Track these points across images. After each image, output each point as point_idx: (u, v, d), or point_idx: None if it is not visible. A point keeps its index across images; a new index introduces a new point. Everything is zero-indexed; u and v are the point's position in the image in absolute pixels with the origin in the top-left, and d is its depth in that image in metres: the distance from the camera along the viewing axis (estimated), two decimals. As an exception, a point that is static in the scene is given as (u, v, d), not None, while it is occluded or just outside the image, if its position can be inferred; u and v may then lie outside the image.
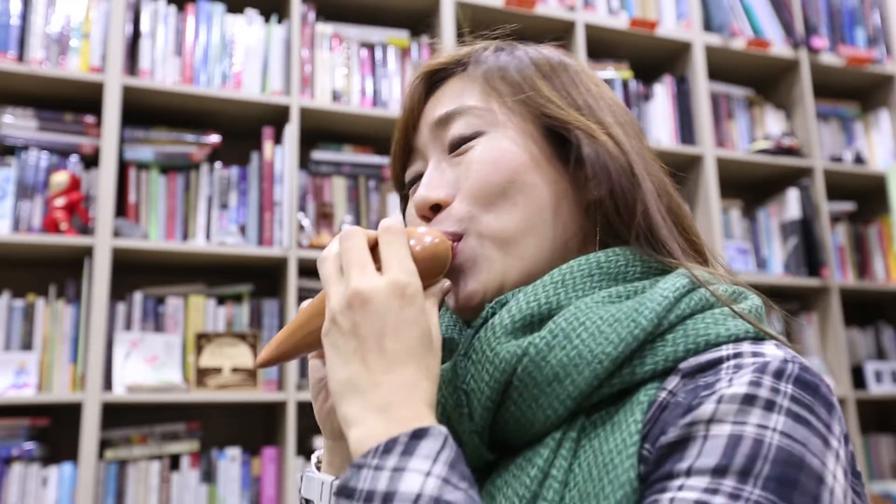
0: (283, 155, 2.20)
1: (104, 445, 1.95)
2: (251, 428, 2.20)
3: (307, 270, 2.16)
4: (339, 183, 2.32)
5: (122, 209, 2.12)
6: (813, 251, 2.68)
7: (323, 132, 2.35)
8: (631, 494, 0.49)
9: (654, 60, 2.80)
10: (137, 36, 2.18)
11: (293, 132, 2.17)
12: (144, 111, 2.18)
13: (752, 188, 2.92)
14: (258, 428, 2.21)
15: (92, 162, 2.12)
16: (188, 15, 2.23)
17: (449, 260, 0.58)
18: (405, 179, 0.70)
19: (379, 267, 0.54)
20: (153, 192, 2.14)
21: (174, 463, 2.01)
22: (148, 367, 2.00)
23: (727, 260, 2.58)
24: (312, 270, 2.17)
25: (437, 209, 0.64)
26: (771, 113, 2.89)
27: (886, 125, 3.02)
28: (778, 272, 2.70)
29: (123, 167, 2.13)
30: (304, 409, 2.04)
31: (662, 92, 2.67)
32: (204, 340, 2.06)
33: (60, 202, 1.99)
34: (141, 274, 2.16)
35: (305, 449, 2.09)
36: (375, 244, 0.56)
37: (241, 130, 2.29)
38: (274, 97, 2.20)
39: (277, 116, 2.24)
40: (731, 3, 2.80)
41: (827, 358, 2.68)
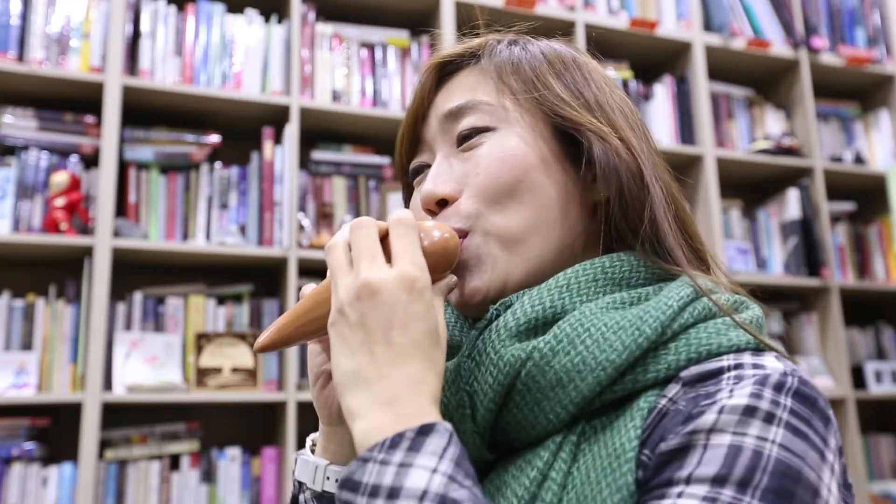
0: (283, 155, 2.20)
1: (104, 445, 1.95)
2: (251, 428, 2.20)
3: (307, 270, 2.16)
4: (339, 183, 2.32)
5: (122, 209, 2.12)
6: (813, 251, 2.68)
7: (323, 132, 2.35)
8: (628, 499, 0.50)
9: (654, 60, 2.80)
10: (137, 36, 2.18)
11: (293, 132, 2.17)
12: (144, 111, 2.18)
13: (752, 188, 2.92)
14: (258, 428, 2.21)
15: (92, 162, 2.12)
16: (188, 15, 2.23)
17: (457, 256, 0.57)
18: (410, 169, 0.70)
19: (388, 258, 0.54)
20: (153, 192, 2.14)
21: (174, 463, 2.01)
22: (148, 367, 2.00)
23: (727, 260, 2.59)
24: (312, 270, 2.17)
25: (443, 204, 0.63)
26: (771, 113, 2.89)
27: (886, 125, 3.01)
28: (778, 272, 2.70)
29: (123, 167, 2.13)
30: (304, 409, 2.04)
31: (662, 92, 2.67)
32: (204, 340, 2.06)
33: (60, 202, 1.99)
34: (141, 274, 2.16)
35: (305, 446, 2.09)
36: (385, 235, 0.55)
37: (241, 130, 2.29)
38: (274, 97, 2.20)
39: (277, 116, 2.24)
40: (731, 3, 2.80)
41: (827, 358, 2.68)
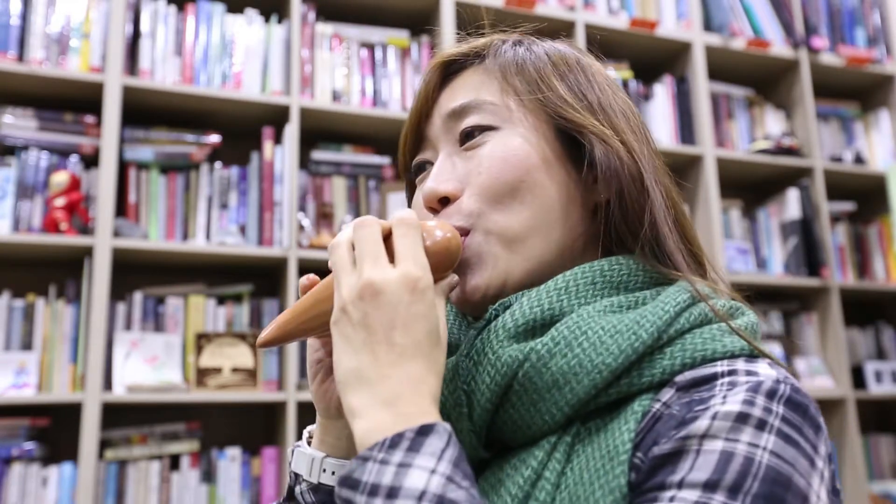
0: (283, 155, 2.20)
1: (104, 445, 1.95)
2: (251, 428, 2.20)
3: (307, 270, 2.16)
4: (339, 183, 2.32)
5: (122, 209, 2.12)
6: (813, 251, 2.68)
7: (323, 132, 2.35)
8: (620, 500, 0.50)
9: (654, 60, 2.80)
10: (137, 36, 2.18)
11: (293, 132, 2.17)
12: (144, 111, 2.18)
13: (752, 188, 2.92)
14: (258, 428, 2.21)
15: (92, 162, 2.12)
16: (188, 15, 2.23)
17: (459, 255, 0.58)
18: (413, 166, 0.70)
19: (391, 258, 0.54)
20: (153, 192, 2.14)
21: (174, 463, 2.01)
22: (148, 367, 2.00)
23: (727, 260, 2.59)
24: (312, 270, 2.16)
25: (445, 202, 0.64)
26: (771, 113, 2.89)
27: (886, 125, 3.01)
28: (778, 272, 2.70)
29: (123, 167, 2.13)
30: (304, 409, 2.04)
31: (662, 92, 2.67)
32: (204, 340, 2.06)
33: (60, 202, 1.99)
34: (141, 274, 2.16)
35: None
36: (388, 234, 0.56)
37: (241, 130, 2.29)
38: (274, 97, 2.20)
39: (277, 116, 2.24)
40: (731, 3, 2.80)
41: (827, 358, 2.68)
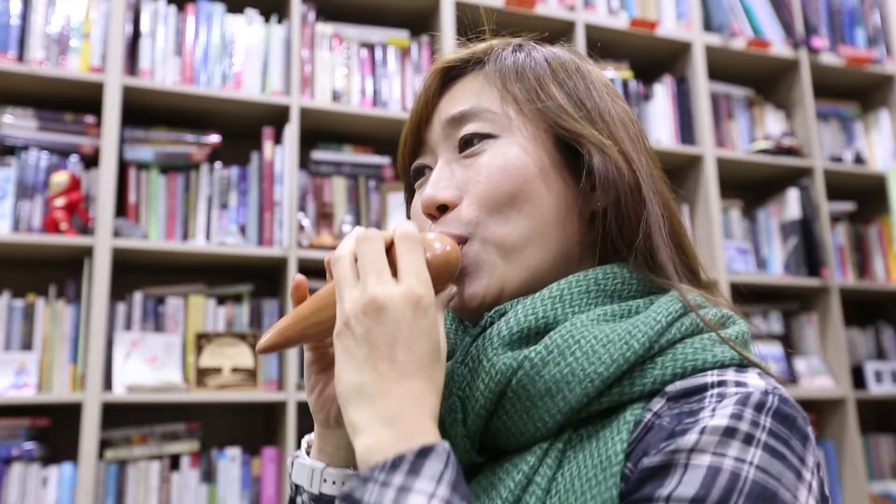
0: (283, 155, 2.20)
1: (104, 445, 1.95)
2: (251, 428, 2.20)
3: (307, 270, 2.16)
4: (339, 183, 2.32)
5: (122, 209, 2.12)
6: (813, 251, 2.68)
7: (323, 132, 2.35)
8: None
9: (654, 60, 2.80)
10: (137, 36, 2.18)
11: (293, 132, 2.17)
12: (144, 111, 2.18)
13: (752, 188, 2.92)
14: (258, 428, 2.21)
15: (92, 162, 2.12)
16: (188, 15, 2.23)
17: (458, 268, 0.59)
18: (412, 170, 0.71)
19: (393, 271, 0.55)
20: (153, 192, 2.14)
21: (174, 463, 2.01)
22: (148, 367, 2.00)
23: (727, 260, 2.59)
24: (312, 270, 2.17)
25: (443, 209, 0.65)
26: (771, 113, 2.89)
27: (886, 125, 3.01)
28: (778, 272, 2.70)
29: (123, 167, 2.13)
30: (304, 409, 2.04)
31: (662, 92, 2.67)
32: (204, 340, 2.06)
33: (60, 202, 1.99)
34: (141, 274, 2.16)
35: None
36: (390, 246, 0.56)
37: (241, 130, 2.29)
38: (274, 97, 2.20)
39: (277, 116, 2.24)
40: (731, 3, 2.80)
41: (827, 358, 2.68)
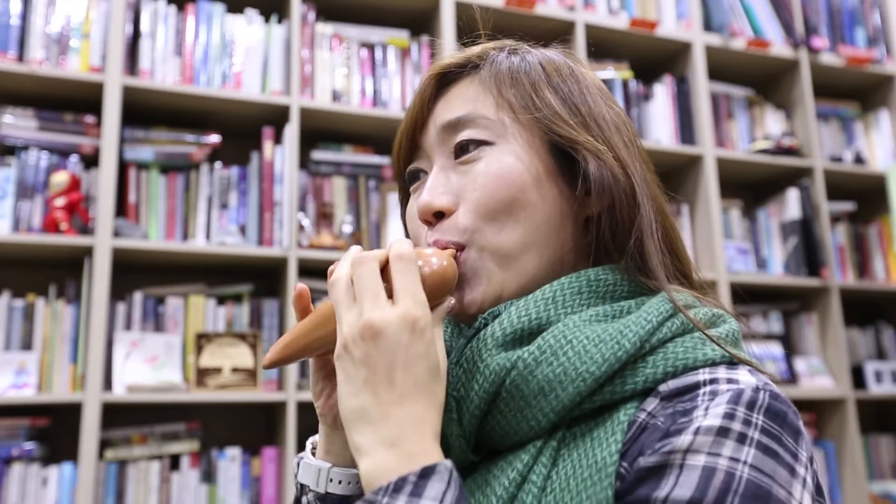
0: (283, 155, 2.20)
1: (104, 445, 1.95)
2: (251, 428, 2.20)
3: (307, 270, 2.16)
4: (339, 183, 2.32)
5: (122, 209, 2.12)
6: (813, 251, 2.68)
7: (323, 132, 2.35)
8: None
9: (654, 60, 2.80)
10: (137, 36, 2.18)
11: (293, 132, 2.17)
12: (144, 111, 2.18)
13: (752, 188, 2.92)
14: (258, 428, 2.21)
15: (92, 162, 2.12)
16: (188, 15, 2.23)
17: (455, 282, 0.60)
18: (407, 173, 0.71)
19: (389, 292, 0.56)
20: (153, 192, 2.14)
21: (174, 463, 2.01)
22: (148, 367, 2.00)
23: (727, 260, 2.59)
24: (312, 270, 2.17)
25: (440, 216, 0.65)
26: (771, 113, 2.89)
27: (886, 125, 3.02)
28: (778, 272, 2.70)
29: (123, 167, 2.13)
30: (304, 409, 2.04)
31: (662, 92, 2.67)
32: (204, 340, 2.06)
33: (60, 202, 1.99)
34: (141, 274, 2.16)
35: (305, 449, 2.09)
36: (385, 264, 0.57)
37: (241, 130, 2.29)
38: (274, 97, 2.20)
39: (277, 116, 2.24)
40: (731, 3, 2.80)
41: (827, 358, 2.68)
